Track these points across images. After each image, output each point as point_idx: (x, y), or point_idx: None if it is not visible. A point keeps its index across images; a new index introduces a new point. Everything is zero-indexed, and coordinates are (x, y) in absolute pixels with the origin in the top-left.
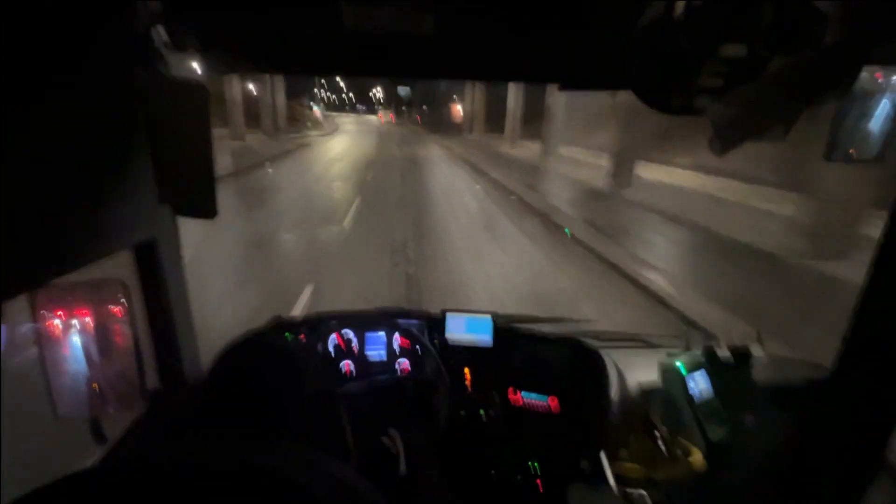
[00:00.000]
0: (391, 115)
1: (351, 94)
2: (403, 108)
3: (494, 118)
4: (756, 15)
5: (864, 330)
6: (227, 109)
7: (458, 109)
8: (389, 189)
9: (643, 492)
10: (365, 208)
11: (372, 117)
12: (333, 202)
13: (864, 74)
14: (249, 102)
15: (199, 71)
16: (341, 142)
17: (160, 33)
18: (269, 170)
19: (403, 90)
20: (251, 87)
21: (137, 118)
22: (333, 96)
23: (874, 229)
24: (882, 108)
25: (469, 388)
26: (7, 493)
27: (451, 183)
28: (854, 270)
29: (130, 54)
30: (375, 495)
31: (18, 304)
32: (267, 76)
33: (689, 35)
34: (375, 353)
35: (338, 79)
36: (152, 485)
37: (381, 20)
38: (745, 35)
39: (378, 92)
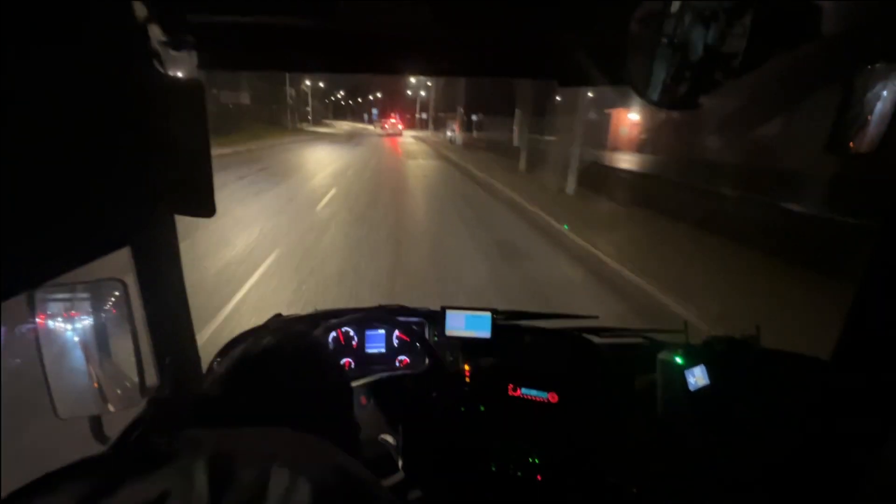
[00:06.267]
0: (390, 122)
1: (379, 94)
2: (474, 116)
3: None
4: (754, 9)
5: (862, 324)
6: None
7: (627, 120)
8: None
9: (642, 486)
10: None
11: (373, 128)
12: None
13: (864, 68)
14: None
15: (194, 68)
16: None
17: (155, 31)
18: None
19: None
20: None
21: (133, 116)
22: (344, 97)
23: None
24: (882, 103)
25: (468, 384)
26: (6, 491)
27: None
28: None
29: (126, 52)
30: (374, 482)
31: (17, 304)
32: None
33: (686, 29)
34: (375, 349)
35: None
36: (149, 472)
37: (377, 14)
38: (742, 29)
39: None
